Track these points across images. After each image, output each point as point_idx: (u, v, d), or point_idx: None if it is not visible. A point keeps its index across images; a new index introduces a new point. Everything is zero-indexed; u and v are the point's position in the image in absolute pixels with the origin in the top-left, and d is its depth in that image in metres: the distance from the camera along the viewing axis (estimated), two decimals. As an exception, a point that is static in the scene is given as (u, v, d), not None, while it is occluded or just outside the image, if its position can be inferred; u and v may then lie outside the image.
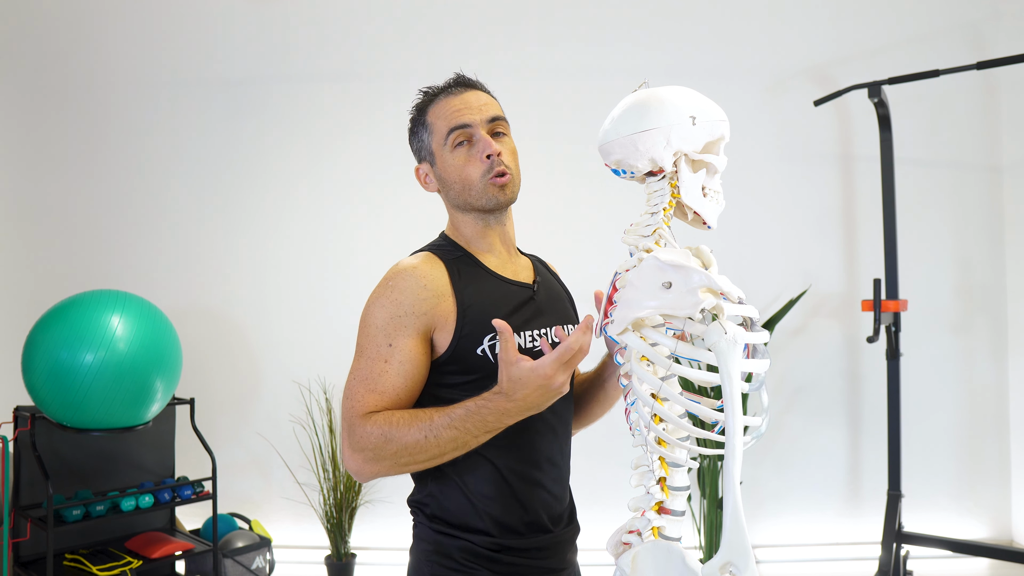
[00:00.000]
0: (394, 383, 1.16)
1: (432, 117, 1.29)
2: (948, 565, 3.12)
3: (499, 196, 1.25)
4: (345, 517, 3.03)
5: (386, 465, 1.12)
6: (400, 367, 1.16)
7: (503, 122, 1.29)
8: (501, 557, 1.20)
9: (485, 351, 1.20)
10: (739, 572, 0.84)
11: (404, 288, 1.19)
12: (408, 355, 1.17)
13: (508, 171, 1.25)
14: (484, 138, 1.24)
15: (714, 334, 0.88)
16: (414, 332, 1.18)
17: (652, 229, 1.01)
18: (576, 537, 1.32)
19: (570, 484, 1.32)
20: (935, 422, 3.32)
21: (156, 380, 2.46)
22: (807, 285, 3.32)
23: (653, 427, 0.97)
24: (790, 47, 3.39)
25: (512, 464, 1.21)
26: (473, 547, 1.20)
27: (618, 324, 0.96)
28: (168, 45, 3.44)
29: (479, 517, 1.20)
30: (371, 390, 1.15)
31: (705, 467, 2.97)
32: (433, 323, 1.19)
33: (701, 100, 1.01)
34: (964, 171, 3.37)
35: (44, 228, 3.44)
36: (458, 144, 1.26)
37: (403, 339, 1.17)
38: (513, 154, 1.29)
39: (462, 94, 1.28)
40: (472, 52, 3.39)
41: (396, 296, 1.19)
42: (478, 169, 1.25)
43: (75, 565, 2.57)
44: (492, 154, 1.23)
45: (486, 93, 1.32)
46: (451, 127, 1.25)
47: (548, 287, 1.36)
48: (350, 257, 3.39)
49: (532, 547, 1.22)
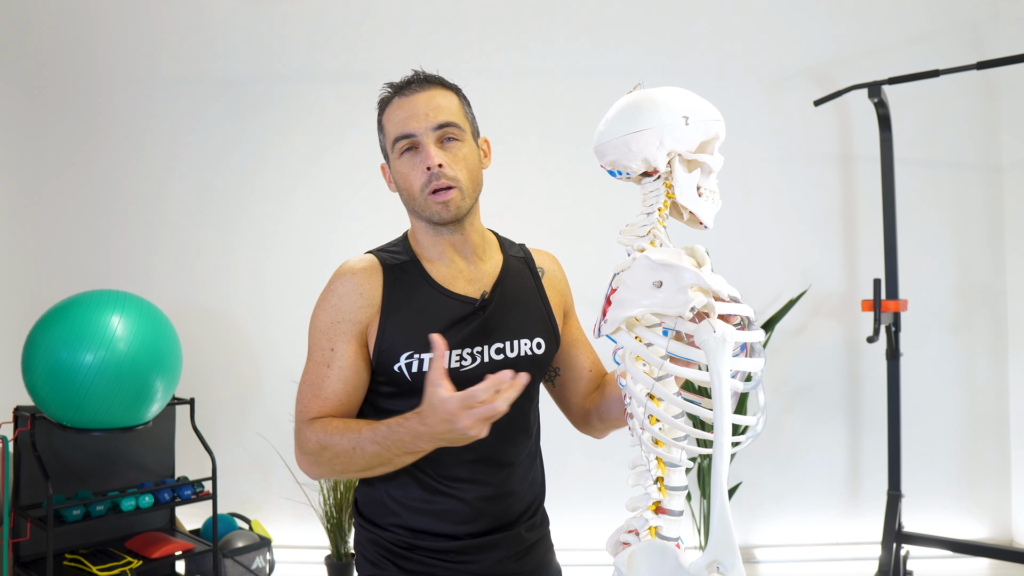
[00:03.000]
0: (335, 389, 1.17)
1: (385, 119, 1.24)
2: (948, 565, 3.12)
3: (441, 212, 1.19)
4: (345, 517, 3.03)
5: (326, 469, 1.14)
6: (340, 372, 1.17)
7: (454, 128, 1.20)
8: (411, 555, 1.21)
9: (402, 368, 1.17)
10: (726, 570, 0.84)
11: (343, 294, 1.20)
12: (347, 361, 1.18)
13: (453, 184, 1.18)
14: (426, 148, 1.18)
15: (703, 332, 0.89)
16: (352, 338, 1.19)
17: (647, 229, 1.01)
18: (516, 545, 1.25)
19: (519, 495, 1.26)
20: (935, 422, 3.32)
21: (156, 380, 2.47)
22: (807, 285, 3.32)
23: (649, 427, 0.97)
24: (790, 47, 3.38)
25: (425, 477, 1.20)
26: (382, 541, 1.22)
27: (611, 324, 0.96)
28: (168, 45, 3.44)
29: (390, 516, 1.22)
30: (316, 395, 1.18)
31: (705, 467, 2.97)
32: (366, 331, 1.20)
33: (694, 100, 1.01)
34: (964, 171, 3.37)
35: (44, 228, 3.44)
36: (404, 151, 1.21)
37: (343, 344, 1.18)
38: (464, 161, 1.20)
39: (413, 96, 1.21)
40: (471, 52, 3.40)
41: (335, 301, 1.20)
42: (419, 180, 1.19)
43: (75, 565, 2.58)
44: (431, 166, 1.17)
45: (445, 90, 1.24)
46: (396, 136, 1.20)
47: (511, 297, 1.27)
48: (349, 257, 3.38)
49: (447, 549, 1.20)
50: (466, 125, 1.24)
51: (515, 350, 1.24)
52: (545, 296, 1.33)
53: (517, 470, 1.27)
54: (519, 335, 1.25)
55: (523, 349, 1.25)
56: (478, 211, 1.28)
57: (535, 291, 1.32)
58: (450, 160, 1.19)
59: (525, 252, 1.37)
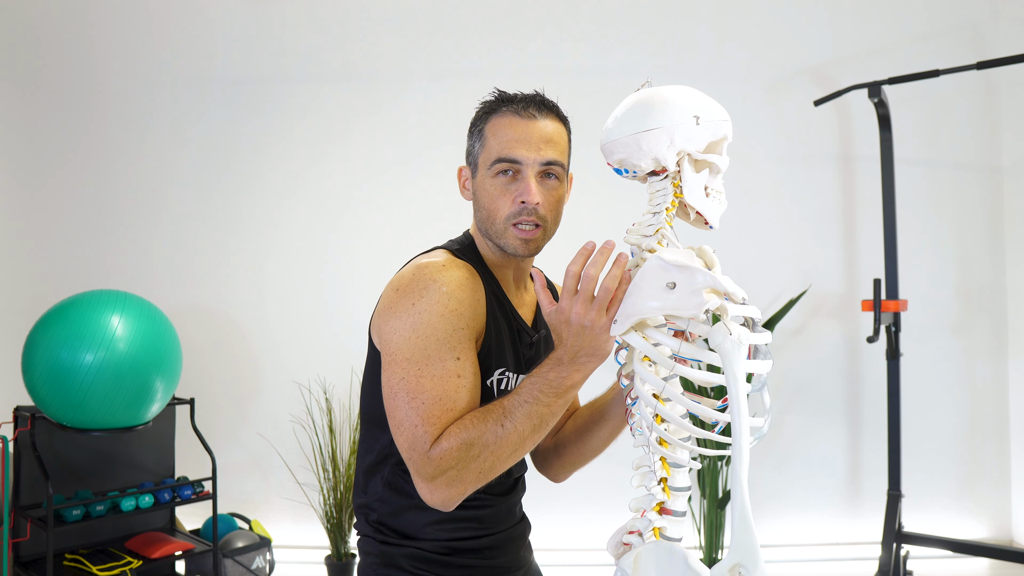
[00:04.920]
0: (467, 401, 1.05)
1: (490, 131, 1.17)
2: (948, 565, 3.12)
3: (519, 249, 1.16)
4: (345, 517, 3.02)
5: (472, 474, 1.00)
6: (469, 382, 1.06)
7: (558, 167, 1.15)
8: (452, 560, 1.17)
9: (493, 383, 1.16)
10: (749, 573, 0.84)
11: (462, 299, 1.09)
12: (473, 369, 1.07)
13: (541, 224, 1.15)
14: (528, 181, 1.12)
15: (719, 335, 0.88)
16: (472, 345, 1.09)
17: (655, 229, 1.01)
18: (528, 533, 1.33)
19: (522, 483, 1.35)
20: (935, 422, 3.32)
21: (156, 380, 2.46)
22: (807, 285, 3.32)
23: (655, 427, 0.96)
24: (790, 47, 3.39)
25: None
26: (422, 553, 1.16)
27: (621, 324, 0.95)
28: (168, 45, 3.44)
29: (426, 523, 1.16)
30: (449, 409, 1.02)
31: (705, 467, 2.97)
32: (477, 339, 1.12)
33: (704, 100, 1.01)
34: (964, 171, 3.37)
35: (44, 228, 3.43)
36: (501, 172, 1.14)
37: (468, 352, 1.07)
38: (556, 203, 1.17)
39: (530, 120, 1.14)
40: (471, 52, 3.39)
41: (455, 306, 1.07)
42: (508, 207, 1.14)
43: (75, 565, 2.57)
44: (528, 202, 1.12)
45: (560, 124, 1.19)
46: (500, 156, 1.14)
47: (548, 334, 1.30)
48: (350, 257, 3.39)
49: (484, 547, 1.21)
50: (567, 164, 1.20)
51: None
52: None
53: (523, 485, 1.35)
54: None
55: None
56: None
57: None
58: (546, 200, 1.15)
59: (549, 283, 1.39)
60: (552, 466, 1.36)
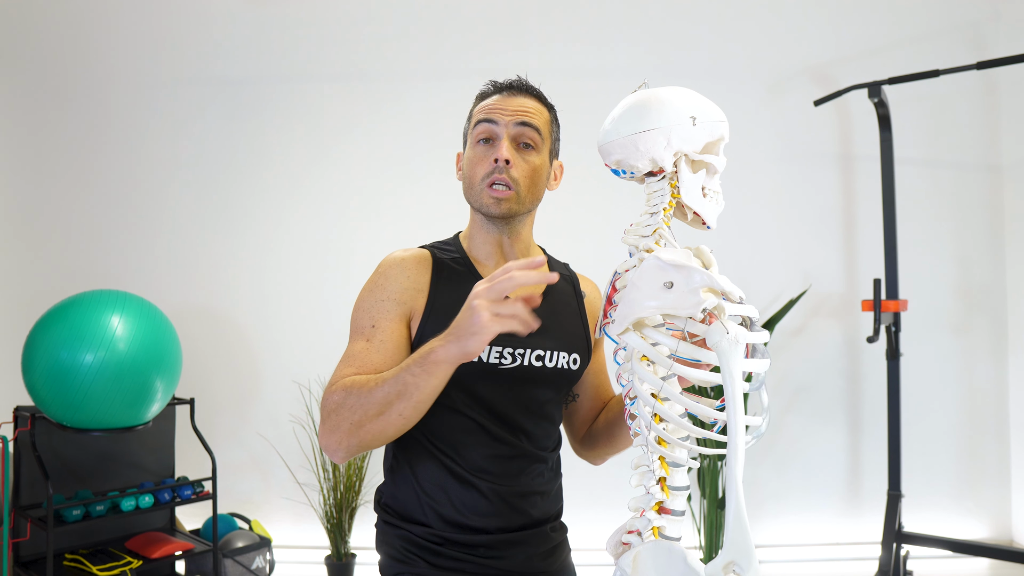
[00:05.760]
0: (374, 360, 1.14)
1: (476, 108, 1.29)
2: (948, 565, 3.12)
3: (491, 207, 1.23)
4: (345, 517, 3.03)
5: (345, 427, 1.05)
6: (381, 346, 1.16)
7: (533, 131, 1.24)
8: (442, 550, 1.20)
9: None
10: (742, 572, 0.84)
11: (390, 275, 1.22)
12: (389, 335, 1.17)
13: (512, 186, 1.22)
14: (501, 141, 1.22)
15: (716, 334, 0.88)
16: (395, 316, 1.19)
17: (652, 229, 1.01)
18: (551, 544, 1.27)
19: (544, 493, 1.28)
20: (935, 422, 3.32)
21: (156, 380, 2.46)
22: (807, 285, 3.32)
23: (654, 426, 0.96)
24: (790, 47, 3.39)
25: (452, 464, 1.21)
26: (413, 537, 1.21)
27: (619, 324, 0.95)
28: (168, 45, 3.44)
29: (422, 509, 1.22)
30: (349, 364, 1.14)
31: (705, 467, 2.97)
32: (409, 315, 1.21)
33: (701, 100, 1.01)
34: (964, 171, 3.37)
35: (44, 228, 3.44)
36: (480, 140, 1.25)
37: (385, 321, 1.18)
38: (531, 170, 1.24)
39: (510, 95, 1.27)
40: (472, 52, 3.40)
41: (382, 282, 1.21)
42: (483, 169, 1.23)
43: (75, 565, 2.57)
44: (499, 159, 1.20)
45: (541, 103, 1.29)
46: (479, 119, 1.25)
47: (557, 310, 1.29)
48: (350, 257, 3.39)
49: (476, 543, 1.20)
50: (547, 138, 1.28)
51: (553, 360, 1.26)
52: (585, 317, 1.36)
53: (537, 478, 1.27)
54: (560, 348, 1.26)
55: (561, 362, 1.26)
56: (531, 224, 1.33)
57: (576, 310, 1.35)
58: (519, 166, 1.23)
59: (570, 272, 1.42)
60: (588, 454, 1.42)
